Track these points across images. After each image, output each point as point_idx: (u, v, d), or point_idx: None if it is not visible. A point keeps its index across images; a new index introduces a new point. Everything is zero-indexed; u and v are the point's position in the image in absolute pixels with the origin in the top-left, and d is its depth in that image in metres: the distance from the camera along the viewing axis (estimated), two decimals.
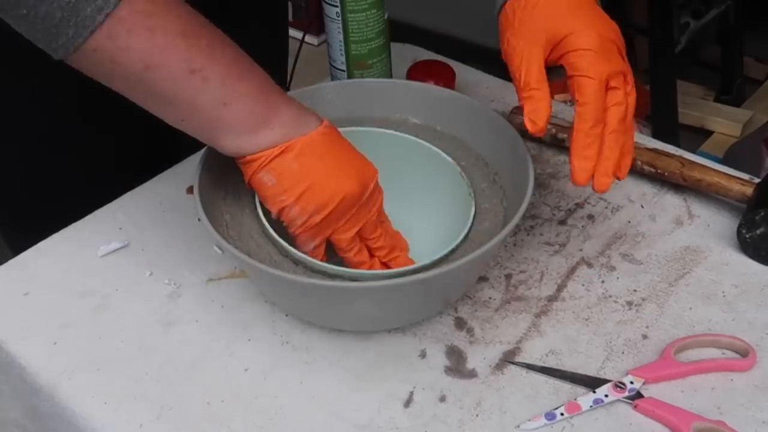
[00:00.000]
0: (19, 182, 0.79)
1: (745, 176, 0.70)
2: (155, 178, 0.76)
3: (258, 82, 0.54)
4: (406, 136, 0.68)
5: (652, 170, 0.72)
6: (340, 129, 0.59)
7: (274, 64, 0.72)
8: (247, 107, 0.53)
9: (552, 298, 0.63)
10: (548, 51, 0.55)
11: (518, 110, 0.78)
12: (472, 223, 0.60)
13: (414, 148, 0.68)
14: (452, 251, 0.57)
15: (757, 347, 0.58)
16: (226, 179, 0.65)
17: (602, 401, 0.55)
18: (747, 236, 0.64)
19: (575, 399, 0.55)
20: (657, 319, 0.61)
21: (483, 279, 0.65)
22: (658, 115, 1.82)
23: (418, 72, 0.81)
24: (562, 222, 0.70)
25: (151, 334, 0.61)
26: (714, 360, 0.58)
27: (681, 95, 1.86)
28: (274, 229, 0.60)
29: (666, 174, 0.72)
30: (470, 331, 0.60)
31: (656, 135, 1.73)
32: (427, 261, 0.56)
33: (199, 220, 0.56)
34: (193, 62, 0.50)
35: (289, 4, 2.02)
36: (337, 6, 0.73)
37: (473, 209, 0.61)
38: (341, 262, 0.59)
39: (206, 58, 0.51)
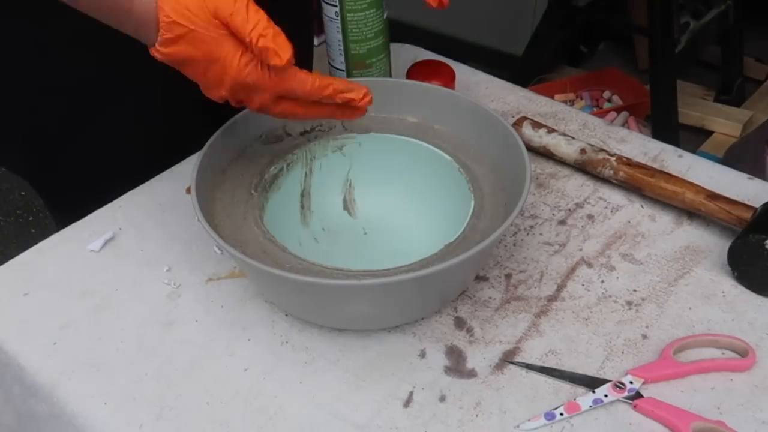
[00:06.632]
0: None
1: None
2: (155, 178, 0.75)
3: None
4: (403, 137, 0.68)
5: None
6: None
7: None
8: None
9: (552, 298, 0.63)
10: None
11: (521, 122, 0.78)
12: (470, 221, 0.60)
13: (412, 148, 0.68)
14: (449, 249, 0.57)
15: (756, 347, 0.58)
16: (224, 179, 0.65)
17: (602, 401, 0.55)
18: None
19: (575, 399, 0.55)
20: (657, 319, 0.61)
21: (483, 279, 0.65)
22: (658, 115, 1.82)
23: (417, 72, 0.81)
24: (562, 222, 0.70)
25: (150, 334, 0.61)
26: (713, 360, 0.58)
27: (681, 95, 1.86)
28: (273, 228, 0.60)
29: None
30: (470, 330, 0.60)
31: (656, 135, 1.73)
32: (423, 258, 0.56)
33: (198, 220, 0.56)
34: None
35: None
36: (336, 5, 0.73)
37: (472, 207, 0.61)
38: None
39: None
